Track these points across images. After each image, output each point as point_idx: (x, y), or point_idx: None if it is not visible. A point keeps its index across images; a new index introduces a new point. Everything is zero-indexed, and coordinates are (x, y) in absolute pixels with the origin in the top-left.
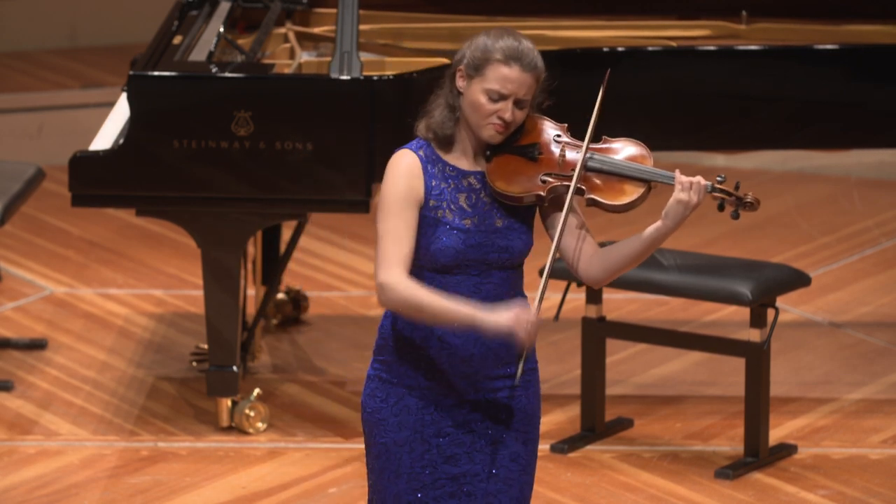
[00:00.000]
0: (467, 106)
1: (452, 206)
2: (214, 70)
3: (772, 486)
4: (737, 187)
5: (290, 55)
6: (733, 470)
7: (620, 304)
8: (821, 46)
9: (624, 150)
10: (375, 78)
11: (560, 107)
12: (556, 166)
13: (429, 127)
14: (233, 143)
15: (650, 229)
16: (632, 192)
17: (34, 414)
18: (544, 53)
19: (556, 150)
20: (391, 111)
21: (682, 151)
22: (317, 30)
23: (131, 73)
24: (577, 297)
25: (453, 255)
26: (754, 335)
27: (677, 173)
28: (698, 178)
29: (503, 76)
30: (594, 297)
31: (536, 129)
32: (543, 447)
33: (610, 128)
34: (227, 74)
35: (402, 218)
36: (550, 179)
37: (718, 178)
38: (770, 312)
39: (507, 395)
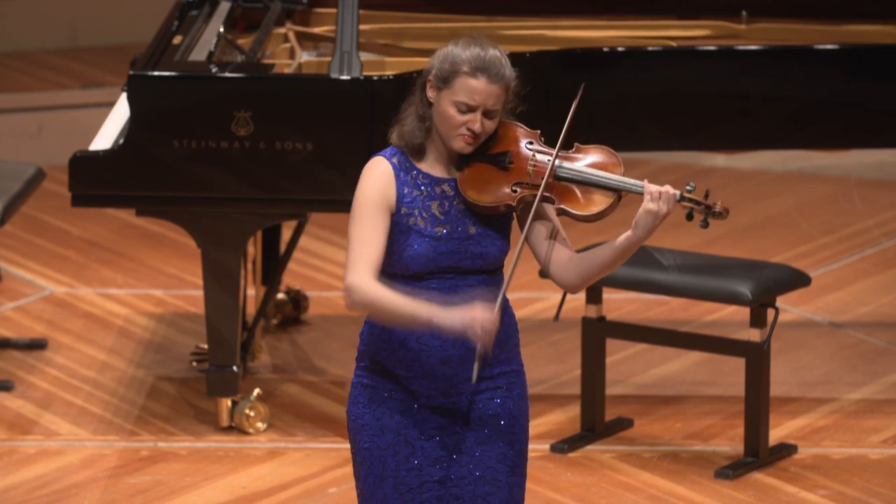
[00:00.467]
0: (437, 117)
1: (424, 214)
2: (214, 70)
3: (772, 486)
4: (706, 196)
5: (290, 55)
6: (733, 470)
7: (620, 304)
8: (821, 46)
9: (594, 159)
10: (375, 78)
11: (561, 106)
12: (527, 175)
13: (401, 136)
14: (233, 143)
15: (621, 238)
16: (601, 202)
17: (34, 414)
18: (544, 53)
19: (527, 158)
20: (391, 111)
21: (682, 151)
22: (317, 30)
23: (131, 73)
24: (577, 297)
25: (425, 262)
26: (754, 335)
27: (646, 183)
28: (667, 188)
29: (470, 88)
30: (594, 297)
31: (509, 136)
32: (543, 447)
33: (610, 128)
34: (227, 74)
35: (371, 222)
36: (520, 189)
37: (688, 187)
38: (770, 312)
39: (489, 396)
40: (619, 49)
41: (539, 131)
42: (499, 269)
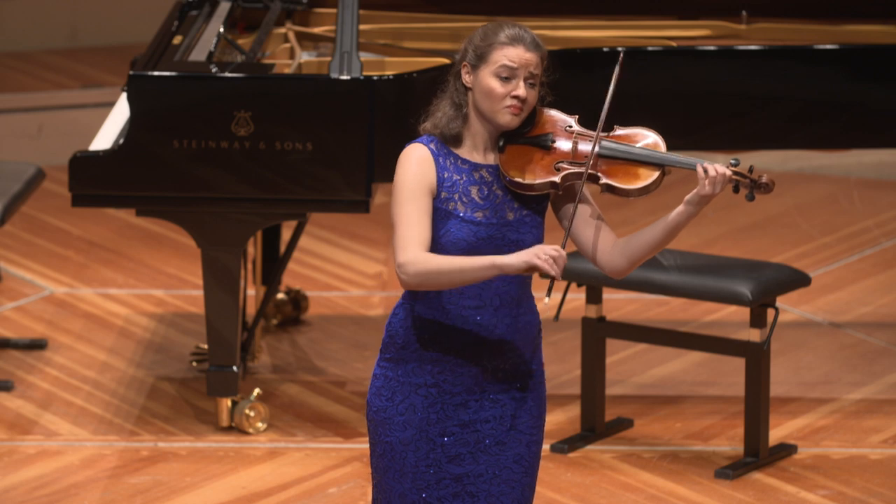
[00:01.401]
0: (480, 96)
1: (464, 199)
2: (214, 70)
3: (772, 486)
4: (750, 170)
5: (290, 55)
6: (733, 470)
7: (620, 304)
8: (821, 46)
9: (636, 137)
10: (375, 78)
11: (561, 106)
12: (570, 154)
13: (436, 126)
14: (233, 143)
15: (673, 215)
16: (646, 176)
17: (34, 414)
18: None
19: (569, 138)
20: (391, 111)
21: (682, 151)
22: (317, 30)
23: (131, 73)
24: (577, 297)
25: (465, 247)
26: (754, 335)
27: (699, 162)
28: (719, 167)
29: (509, 54)
30: (594, 297)
31: (548, 120)
32: (543, 447)
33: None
34: (227, 74)
35: (416, 203)
36: (565, 166)
37: (732, 162)
38: (770, 312)
39: (511, 395)
40: (619, 49)
41: (577, 115)
42: None
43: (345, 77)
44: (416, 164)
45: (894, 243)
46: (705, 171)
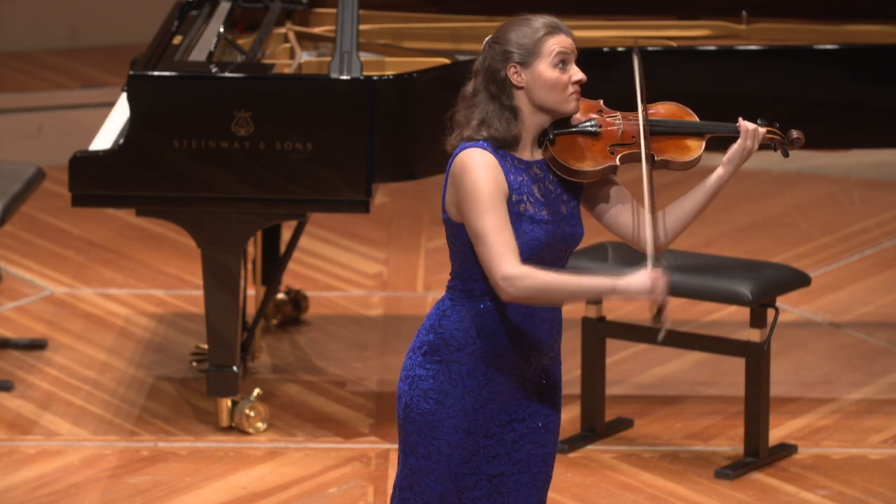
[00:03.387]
0: (542, 91)
1: (531, 199)
2: (214, 70)
3: (772, 486)
4: (778, 127)
5: (290, 55)
6: (733, 470)
7: (620, 304)
8: (821, 46)
9: (672, 111)
10: (375, 78)
11: None
12: (619, 136)
13: (493, 133)
14: (233, 143)
15: (713, 178)
16: (696, 147)
17: (34, 414)
18: None
19: (611, 121)
20: (391, 111)
21: None
22: (317, 30)
23: (131, 73)
24: None
25: (539, 247)
26: (754, 335)
27: (741, 121)
28: (755, 126)
29: (559, 41)
30: None
31: (582, 107)
32: None
33: None
34: (227, 74)
35: (500, 211)
36: (619, 148)
37: (760, 122)
38: (770, 312)
39: (544, 393)
40: (619, 49)
41: (601, 100)
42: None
43: (345, 77)
44: (489, 169)
45: (894, 243)
46: (746, 126)
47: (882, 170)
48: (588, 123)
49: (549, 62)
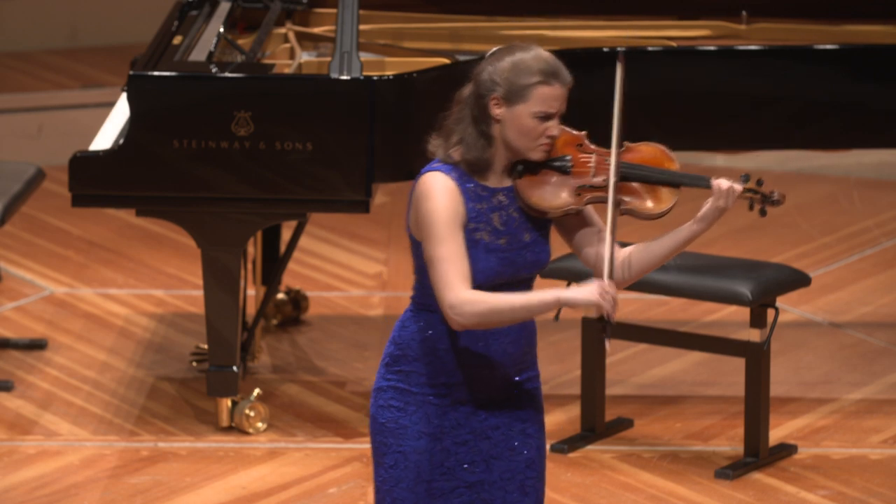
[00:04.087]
0: (513, 132)
1: (489, 227)
2: (214, 70)
3: (772, 486)
4: (759, 184)
5: (290, 55)
6: (733, 470)
7: (620, 304)
8: (821, 46)
9: (650, 155)
10: (375, 78)
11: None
12: (589, 177)
13: (465, 156)
14: (233, 143)
15: (686, 232)
16: (668, 199)
17: (34, 414)
18: None
19: (585, 160)
20: (391, 111)
21: (682, 151)
22: (317, 30)
23: (131, 73)
24: None
25: (493, 275)
26: (754, 335)
27: (713, 179)
28: (731, 184)
29: (549, 96)
30: None
31: (562, 139)
32: None
33: (609, 128)
34: (227, 74)
35: (454, 238)
36: (586, 191)
37: (743, 178)
38: (770, 312)
39: (517, 403)
40: (619, 49)
41: (586, 132)
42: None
43: (345, 77)
44: (447, 197)
45: (894, 243)
46: (720, 185)
47: (882, 170)
48: (560, 160)
49: (530, 111)
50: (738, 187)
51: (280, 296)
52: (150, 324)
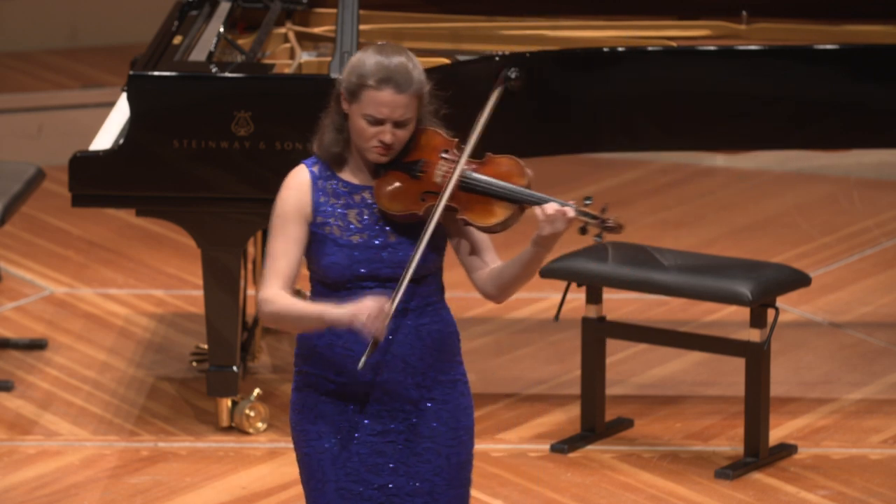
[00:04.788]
0: (353, 130)
1: (340, 223)
2: (214, 70)
3: (772, 486)
4: (603, 210)
5: (290, 55)
6: (733, 470)
7: (620, 304)
8: (821, 46)
9: (500, 169)
10: None
11: (560, 108)
12: (434, 184)
13: (320, 147)
14: (233, 143)
15: (525, 255)
16: (500, 214)
17: (34, 414)
18: (544, 54)
19: (437, 167)
20: None
21: (682, 151)
22: (317, 30)
23: (131, 73)
24: (577, 297)
25: (341, 270)
26: (754, 335)
27: (552, 200)
28: (563, 210)
29: (377, 101)
30: (594, 297)
31: (427, 144)
32: (543, 447)
33: (609, 128)
34: (227, 74)
35: (285, 235)
36: (428, 198)
37: (586, 201)
38: (770, 312)
39: (423, 408)
40: (619, 49)
41: (458, 139)
42: (430, 276)
43: None
44: (292, 190)
45: (894, 243)
46: (544, 211)
47: (882, 170)
48: (414, 164)
49: (361, 112)
50: (571, 213)
51: None
52: (150, 324)
